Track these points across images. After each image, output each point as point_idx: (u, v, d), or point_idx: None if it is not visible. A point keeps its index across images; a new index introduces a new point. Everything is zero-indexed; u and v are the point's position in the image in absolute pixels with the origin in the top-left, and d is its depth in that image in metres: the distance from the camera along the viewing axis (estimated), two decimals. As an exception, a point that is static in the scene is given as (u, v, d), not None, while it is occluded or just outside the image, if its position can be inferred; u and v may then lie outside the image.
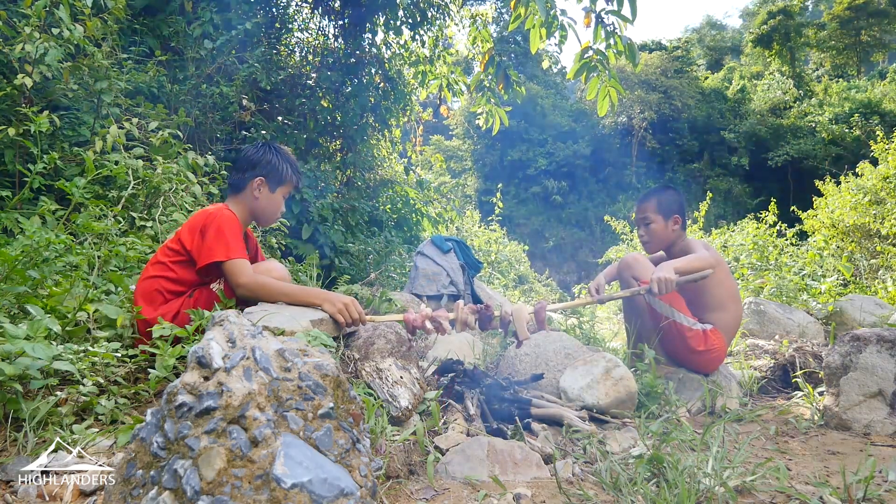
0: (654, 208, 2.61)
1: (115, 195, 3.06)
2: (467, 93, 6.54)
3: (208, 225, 1.94)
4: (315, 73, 6.42)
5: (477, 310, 2.08)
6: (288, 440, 0.88)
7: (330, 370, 1.01)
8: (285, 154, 2.21)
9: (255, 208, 2.16)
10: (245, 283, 1.88)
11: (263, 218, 2.20)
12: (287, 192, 2.21)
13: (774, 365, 2.78)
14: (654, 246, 2.66)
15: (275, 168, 2.15)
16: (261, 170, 2.13)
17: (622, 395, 1.97)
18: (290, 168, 2.19)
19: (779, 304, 3.90)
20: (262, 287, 1.89)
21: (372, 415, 1.44)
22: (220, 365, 0.94)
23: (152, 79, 4.33)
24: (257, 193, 2.13)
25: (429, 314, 2.00)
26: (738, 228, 7.51)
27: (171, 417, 0.91)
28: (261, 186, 2.13)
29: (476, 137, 29.50)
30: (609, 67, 3.93)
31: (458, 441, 1.53)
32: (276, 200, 2.18)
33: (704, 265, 2.35)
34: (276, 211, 2.20)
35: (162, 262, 1.99)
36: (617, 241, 10.96)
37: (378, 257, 5.84)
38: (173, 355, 1.61)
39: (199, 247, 1.94)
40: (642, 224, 2.65)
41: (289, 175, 2.18)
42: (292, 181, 2.21)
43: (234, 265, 1.89)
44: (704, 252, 2.46)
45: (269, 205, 2.17)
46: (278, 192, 2.17)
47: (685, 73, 30.17)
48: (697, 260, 2.36)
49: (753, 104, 29.04)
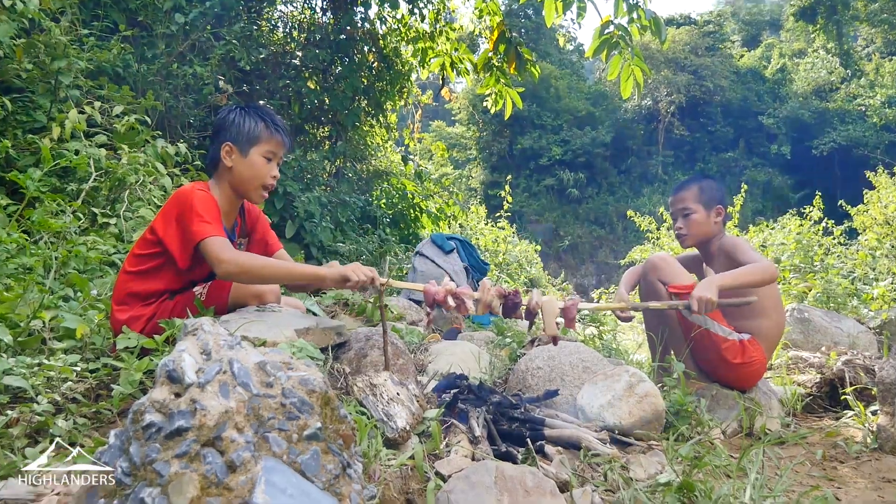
0: (695, 197, 2.61)
1: (74, 188, 3.07)
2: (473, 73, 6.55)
3: (182, 208, 1.92)
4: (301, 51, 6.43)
5: (504, 293, 2.11)
6: (270, 465, 0.88)
7: (317, 386, 1.01)
8: (256, 110, 2.11)
9: (232, 181, 2.10)
10: (229, 258, 1.82)
11: (246, 189, 2.11)
12: (268, 153, 2.09)
13: (821, 380, 2.77)
14: (692, 240, 2.66)
15: (240, 127, 2.06)
16: (226, 134, 2.07)
17: (648, 415, 1.96)
18: (260, 122, 2.08)
19: (825, 312, 3.89)
20: (250, 264, 1.86)
21: (365, 436, 1.44)
22: (193, 380, 0.94)
23: (117, 57, 4.34)
24: (228, 162, 2.06)
25: (452, 289, 2.02)
26: (778, 226, 7.50)
27: (138, 439, 0.90)
28: (230, 153, 2.06)
29: (482, 123, 29.50)
30: (632, 44, 3.93)
31: (461, 466, 1.52)
32: (253, 164, 2.07)
33: (758, 278, 2.26)
34: (259, 177, 2.09)
35: (136, 255, 1.99)
36: (641, 240, 10.95)
37: (372, 258, 5.85)
38: (139, 369, 1.60)
39: (177, 236, 1.92)
40: (680, 215, 2.65)
41: (260, 131, 2.07)
42: (270, 137, 2.09)
43: (211, 242, 1.84)
44: (756, 253, 2.37)
45: (246, 171, 2.07)
46: (253, 153, 2.07)
47: (718, 50, 30.14)
48: (750, 273, 2.26)
49: (795, 85, 29.00)
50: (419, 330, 2.98)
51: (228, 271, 1.83)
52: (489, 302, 2.08)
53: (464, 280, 4.35)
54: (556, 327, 2.14)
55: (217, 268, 1.84)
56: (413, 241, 7.58)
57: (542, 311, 2.12)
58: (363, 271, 1.91)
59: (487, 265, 5.01)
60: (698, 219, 2.60)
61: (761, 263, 2.29)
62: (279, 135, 2.10)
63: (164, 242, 1.94)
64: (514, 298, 2.11)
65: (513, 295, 2.11)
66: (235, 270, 1.84)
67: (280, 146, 2.12)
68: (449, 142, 29.08)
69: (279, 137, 2.10)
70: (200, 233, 1.86)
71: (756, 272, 2.26)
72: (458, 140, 30.65)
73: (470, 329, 3.43)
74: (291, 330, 1.76)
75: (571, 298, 2.19)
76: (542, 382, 2.23)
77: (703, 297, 2.16)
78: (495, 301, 2.09)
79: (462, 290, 2.04)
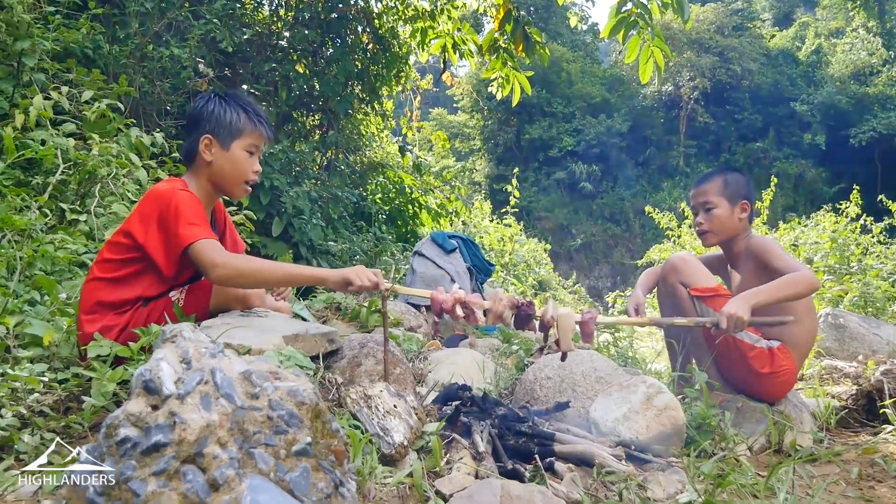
0: (718, 190, 2.61)
1: (40, 182, 3.07)
2: (477, 55, 6.55)
3: (164, 211, 1.92)
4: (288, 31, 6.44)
5: (517, 304, 2.11)
6: (255, 483, 0.88)
7: (307, 397, 1.01)
8: (237, 99, 2.12)
9: (212, 176, 2.11)
10: (224, 262, 1.84)
11: (226, 185, 2.14)
12: (251, 146, 2.12)
13: (857, 392, 2.77)
14: (714, 238, 2.65)
15: (221, 119, 2.06)
16: (205, 126, 2.07)
17: (667, 429, 1.97)
18: (242, 114, 2.09)
19: (863, 317, 3.89)
20: (247, 266, 1.87)
21: (359, 452, 1.45)
22: (171, 391, 0.94)
23: (86, 37, 4.35)
24: (208, 156, 2.07)
25: (461, 297, 2.03)
26: (811, 223, 7.49)
27: (112, 455, 0.91)
28: (210, 146, 2.07)
29: (486, 111, 29.51)
30: (652, 24, 3.93)
31: (464, 485, 1.53)
32: (234, 159, 2.09)
33: (799, 291, 2.23)
34: (241, 172, 2.12)
35: (109, 260, 1.99)
36: (660, 239, 10.94)
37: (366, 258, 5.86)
38: (113, 379, 1.61)
39: (161, 241, 1.93)
40: (702, 210, 2.65)
41: (242, 123, 2.09)
42: (253, 129, 2.11)
43: (201, 246, 1.85)
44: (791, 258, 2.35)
45: (227, 165, 2.09)
46: (234, 147, 2.08)
47: (746, 30, 30.12)
48: (790, 285, 2.23)
49: (832, 69, 28.94)
50: (418, 336, 2.99)
51: (224, 276, 1.85)
52: (500, 313, 2.08)
53: (467, 282, 4.36)
54: (572, 343, 2.14)
55: (211, 273, 1.85)
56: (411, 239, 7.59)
57: (557, 325, 2.12)
58: (367, 275, 1.92)
59: (493, 266, 5.02)
60: (721, 214, 2.60)
61: (801, 273, 2.25)
62: (262, 127, 2.12)
63: (146, 249, 1.94)
64: (526, 310, 2.10)
65: (526, 306, 2.10)
66: (233, 274, 1.85)
67: (263, 139, 2.14)
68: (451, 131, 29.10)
69: (262, 130, 2.12)
70: (189, 237, 1.86)
71: (797, 284, 2.23)
72: (461, 129, 30.65)
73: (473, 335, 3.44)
74: (279, 336, 1.77)
75: (589, 312, 2.18)
76: (552, 394, 2.23)
77: (735, 316, 2.14)
78: (507, 312, 2.09)
79: (472, 299, 2.03)
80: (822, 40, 30.85)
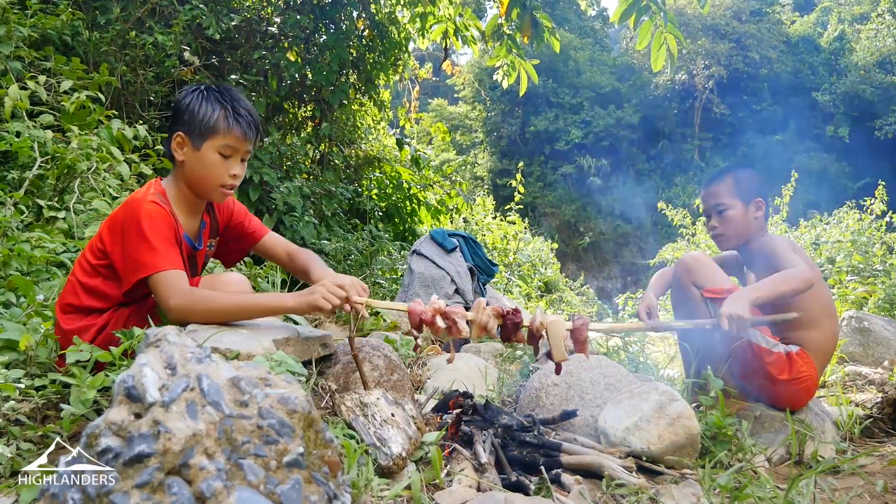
0: (731, 190, 2.60)
1: (16, 176, 3.07)
2: (480, 42, 6.55)
3: (127, 225, 1.89)
4: (279, 16, 6.44)
5: (502, 313, 2.09)
6: (244, 496, 0.89)
7: (299, 405, 1.02)
8: (219, 94, 2.02)
9: (185, 178, 2.04)
10: (177, 305, 1.82)
11: (198, 188, 2.05)
12: (225, 147, 1.99)
13: (882, 399, 2.77)
14: (731, 240, 2.65)
15: (194, 116, 1.96)
16: (179, 122, 2.00)
17: (680, 439, 1.97)
18: (219, 111, 1.97)
19: (888, 320, 3.89)
20: (202, 305, 1.86)
21: (354, 463, 1.45)
22: (155, 398, 0.94)
23: (65, 24, 4.35)
24: (179, 155, 2.01)
25: (441, 308, 2.01)
26: (833, 220, 7.49)
27: (92, 466, 0.91)
28: (182, 145, 2.00)
29: (489, 102, 29.51)
30: (665, 9, 3.93)
31: (465, 498, 1.53)
32: (205, 161, 1.99)
33: (792, 287, 2.26)
34: (212, 176, 2.01)
35: (90, 262, 1.99)
36: (673, 237, 10.96)
37: (361, 258, 5.85)
38: (93, 386, 1.61)
39: (121, 257, 1.91)
40: (714, 212, 2.64)
41: (215, 122, 1.96)
42: (227, 130, 1.98)
43: (160, 280, 1.83)
44: (795, 257, 2.37)
45: (198, 167, 2.00)
46: (206, 148, 1.98)
47: (765, 15, 30.11)
48: (783, 281, 2.26)
49: (856, 56, 28.92)
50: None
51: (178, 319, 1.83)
52: (485, 323, 2.05)
53: (468, 283, 4.35)
54: (566, 352, 2.13)
55: (167, 314, 1.84)
56: (409, 237, 7.59)
57: (546, 333, 2.11)
58: (334, 295, 1.89)
59: (496, 266, 5.01)
60: (736, 215, 2.59)
61: (794, 269, 2.29)
62: (238, 127, 1.99)
63: (111, 258, 1.94)
64: (513, 318, 2.08)
65: (512, 314, 2.08)
66: (186, 318, 1.84)
67: (241, 141, 2.01)
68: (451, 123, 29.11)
69: (238, 131, 1.99)
70: (148, 267, 1.84)
71: (791, 280, 2.26)
72: (462, 121, 30.66)
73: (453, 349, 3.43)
74: (269, 341, 1.77)
75: (581, 318, 2.15)
76: (559, 401, 2.24)
77: (734, 314, 2.14)
78: (492, 322, 2.06)
79: (453, 310, 2.02)
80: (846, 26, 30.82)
